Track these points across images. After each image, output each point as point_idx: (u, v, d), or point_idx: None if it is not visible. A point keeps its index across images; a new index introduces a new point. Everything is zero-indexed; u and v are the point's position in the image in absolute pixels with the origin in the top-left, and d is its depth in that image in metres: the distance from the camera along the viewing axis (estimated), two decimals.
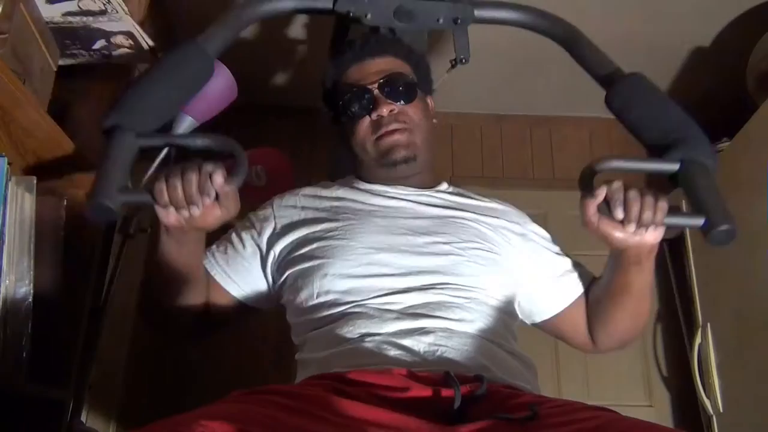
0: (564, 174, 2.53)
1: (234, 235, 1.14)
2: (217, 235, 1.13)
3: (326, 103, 1.23)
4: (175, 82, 1.05)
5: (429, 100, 1.23)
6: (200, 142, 0.96)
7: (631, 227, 0.90)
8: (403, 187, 1.15)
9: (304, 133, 2.38)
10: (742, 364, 1.87)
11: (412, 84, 1.16)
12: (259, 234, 1.12)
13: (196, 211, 0.88)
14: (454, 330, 0.97)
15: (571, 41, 1.27)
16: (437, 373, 0.89)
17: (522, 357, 1.03)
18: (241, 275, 1.11)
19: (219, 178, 0.87)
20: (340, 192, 1.16)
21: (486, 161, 2.54)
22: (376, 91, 1.13)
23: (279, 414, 0.75)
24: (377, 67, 1.16)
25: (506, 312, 1.06)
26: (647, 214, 0.89)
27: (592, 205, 0.91)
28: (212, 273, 1.10)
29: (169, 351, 2.13)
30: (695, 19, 2.14)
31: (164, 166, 1.11)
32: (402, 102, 1.13)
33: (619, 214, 0.90)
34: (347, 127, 1.16)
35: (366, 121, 1.13)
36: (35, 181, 1.19)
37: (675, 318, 2.25)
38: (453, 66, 1.43)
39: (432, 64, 1.31)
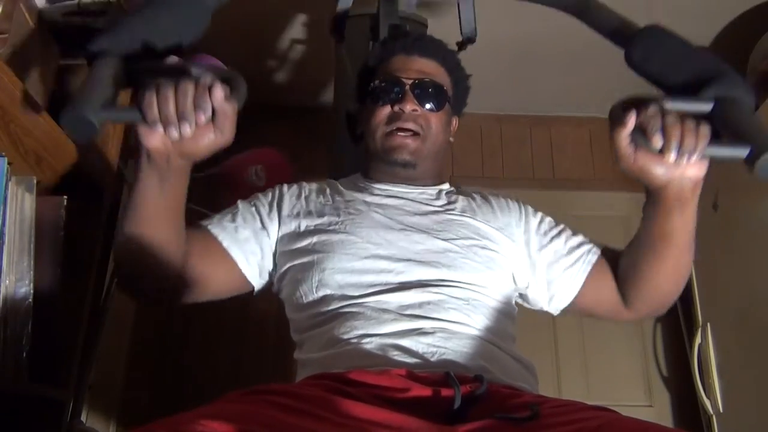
0: (564, 174, 2.53)
1: (241, 207, 1.11)
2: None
3: (360, 79, 1.23)
4: (168, 18, 0.95)
5: (454, 120, 1.23)
6: (195, 70, 0.82)
7: (672, 155, 0.80)
8: (404, 185, 1.15)
9: (304, 133, 2.38)
10: (742, 364, 1.87)
11: (443, 95, 1.16)
12: (268, 211, 1.11)
13: (187, 130, 0.77)
14: (453, 331, 0.97)
15: (582, 7, 1.23)
16: (437, 373, 0.89)
17: (521, 358, 1.03)
18: (248, 245, 1.06)
19: (219, 91, 0.77)
20: (343, 189, 1.17)
21: (486, 161, 2.54)
22: (407, 87, 1.13)
23: (279, 414, 0.75)
24: (420, 66, 1.16)
25: (504, 313, 1.06)
26: (689, 141, 0.79)
27: (625, 135, 0.83)
28: (219, 238, 1.04)
29: (169, 351, 2.13)
30: (695, 19, 2.14)
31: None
32: (427, 107, 1.13)
33: (658, 141, 0.80)
34: (368, 108, 1.16)
35: (386, 110, 1.13)
36: (35, 181, 1.19)
37: (675, 318, 2.26)
38: (460, 48, 1.43)
39: None
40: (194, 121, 0.77)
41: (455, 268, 1.02)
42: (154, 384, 2.08)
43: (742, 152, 0.80)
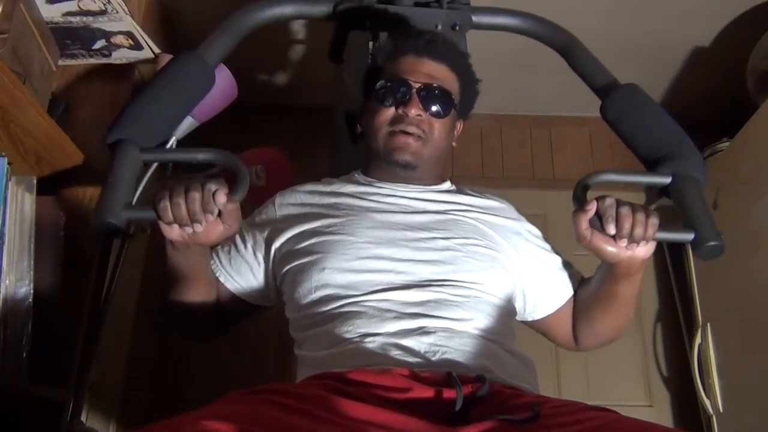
0: (564, 174, 2.53)
1: (237, 236, 1.14)
2: None
3: (367, 73, 1.22)
4: (176, 94, 1.09)
5: (459, 124, 1.22)
6: (202, 156, 0.99)
7: (623, 242, 0.93)
8: (404, 184, 1.15)
9: (304, 133, 2.38)
10: (742, 364, 1.87)
11: (450, 102, 1.15)
12: (261, 232, 1.13)
13: (199, 228, 0.90)
14: (455, 330, 0.97)
15: (569, 49, 1.27)
16: (439, 373, 0.88)
17: (521, 356, 1.03)
18: (243, 275, 1.12)
19: (221, 197, 0.89)
20: (341, 188, 1.16)
21: (486, 161, 2.54)
22: (414, 90, 1.12)
23: (280, 414, 0.75)
24: (429, 69, 1.15)
25: (505, 310, 1.06)
26: (639, 230, 0.92)
27: (584, 220, 0.94)
28: (217, 274, 1.11)
29: (169, 351, 2.13)
30: (695, 19, 2.14)
31: (163, 174, 1.15)
32: (431, 113, 1.13)
33: (612, 229, 0.92)
34: (372, 106, 1.16)
35: (390, 111, 1.13)
36: (35, 181, 1.19)
37: (675, 318, 2.26)
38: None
39: None
40: (204, 221, 0.89)
41: (456, 267, 1.02)
42: (154, 384, 2.08)
43: (687, 237, 0.96)
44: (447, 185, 1.20)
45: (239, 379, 2.04)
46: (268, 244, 1.11)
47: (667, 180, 1.03)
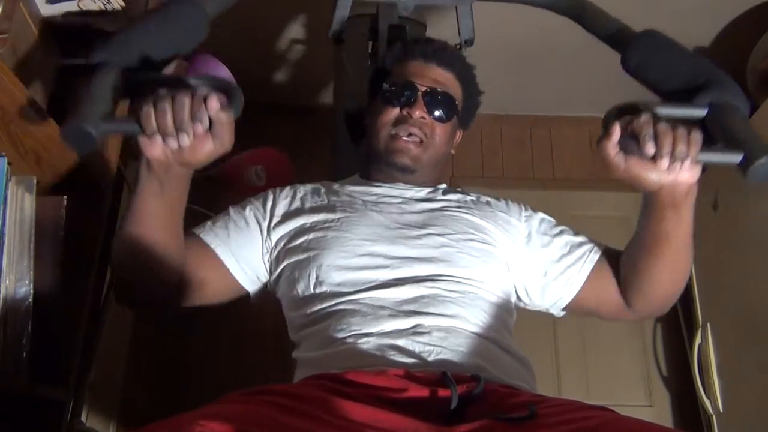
0: (564, 174, 2.53)
1: (233, 213, 1.11)
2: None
3: (374, 74, 1.23)
4: (167, 29, 0.99)
5: (458, 133, 1.24)
6: (193, 81, 0.87)
7: (665, 162, 0.82)
8: (402, 184, 1.16)
9: (304, 132, 2.38)
10: (742, 364, 1.87)
11: (453, 108, 1.17)
12: (263, 216, 1.11)
13: (185, 140, 0.79)
14: (450, 328, 0.97)
15: (578, 11, 1.23)
16: (434, 373, 0.89)
17: (518, 355, 1.03)
18: (241, 251, 1.07)
19: (214, 102, 0.79)
20: (339, 188, 1.17)
21: (486, 161, 2.54)
22: (420, 93, 1.14)
23: (278, 414, 0.75)
24: (436, 75, 1.17)
25: (502, 307, 1.06)
26: (681, 147, 0.81)
27: (610, 145, 0.85)
28: (212, 245, 1.05)
29: (169, 351, 2.13)
30: (695, 19, 2.14)
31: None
32: (434, 117, 1.14)
33: (651, 148, 0.82)
34: (377, 106, 1.17)
35: (395, 112, 1.14)
36: (35, 181, 1.19)
37: (675, 318, 2.25)
38: (459, 50, 1.43)
39: None
40: (192, 132, 0.79)
41: (451, 263, 1.03)
42: (154, 384, 2.07)
43: (735, 158, 0.82)
44: (443, 186, 1.21)
45: (239, 379, 2.04)
46: (267, 232, 1.10)
47: (704, 112, 0.90)
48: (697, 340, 2.03)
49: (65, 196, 1.25)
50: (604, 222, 2.10)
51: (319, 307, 1.01)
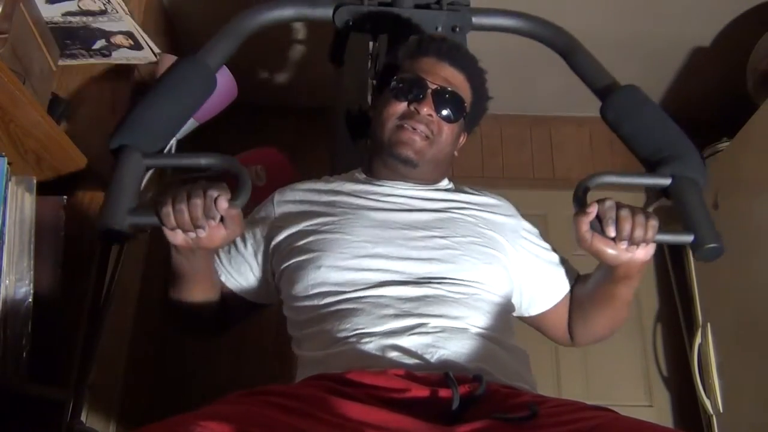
0: (564, 174, 2.53)
1: (239, 242, 1.15)
2: None
3: (385, 68, 1.23)
4: (178, 99, 1.10)
5: (463, 136, 1.23)
6: (204, 162, 1.00)
7: (623, 244, 0.93)
8: (403, 182, 1.15)
9: (304, 133, 2.38)
10: (742, 364, 1.87)
11: (461, 108, 1.16)
12: (260, 231, 1.13)
13: (202, 233, 0.91)
14: (452, 329, 0.96)
15: (569, 50, 1.28)
16: (436, 373, 0.88)
17: (518, 352, 1.04)
18: (243, 274, 1.13)
19: (223, 202, 0.90)
20: (340, 186, 1.16)
21: (486, 161, 2.54)
22: (429, 91, 1.13)
23: (278, 415, 0.75)
24: (447, 74, 1.16)
25: (504, 307, 1.06)
26: (639, 232, 0.92)
27: (585, 222, 0.95)
28: (218, 273, 1.12)
29: (169, 351, 2.13)
30: (695, 19, 2.14)
31: (164, 173, 1.15)
32: (443, 115, 1.14)
33: (611, 231, 0.93)
34: (385, 99, 1.17)
35: (402, 106, 1.14)
36: (35, 181, 1.19)
37: (675, 318, 2.26)
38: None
39: None
40: (207, 227, 0.90)
41: (454, 265, 1.03)
42: (154, 384, 2.08)
43: (686, 239, 0.96)
44: (445, 183, 1.21)
45: (239, 379, 2.04)
46: (267, 242, 1.11)
47: (667, 182, 1.04)
48: (697, 340, 2.03)
49: (65, 196, 1.25)
50: None
51: (319, 306, 1.01)
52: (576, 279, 1.17)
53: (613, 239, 0.94)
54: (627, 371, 2.26)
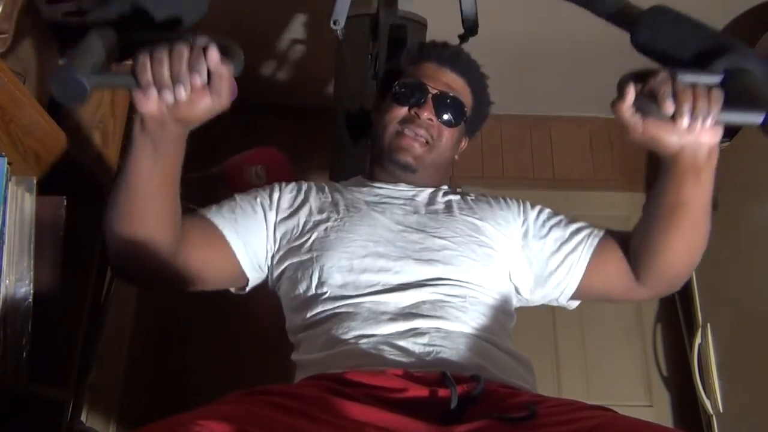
0: (564, 174, 2.53)
1: (240, 198, 1.10)
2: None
3: (386, 74, 1.24)
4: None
5: (464, 140, 1.24)
6: (189, 34, 0.81)
7: (685, 120, 0.78)
8: (405, 184, 1.16)
9: (304, 133, 2.38)
10: (742, 364, 1.87)
11: (462, 113, 1.17)
12: (269, 205, 1.10)
13: (182, 93, 0.75)
14: (449, 330, 0.97)
15: None
16: (434, 373, 0.89)
17: (518, 356, 1.03)
18: (248, 236, 1.05)
19: (214, 53, 0.75)
20: (343, 189, 1.17)
21: (486, 161, 2.54)
22: (430, 96, 1.14)
23: (277, 414, 0.75)
24: (448, 79, 1.17)
25: (502, 310, 1.06)
26: (702, 104, 0.77)
27: (625, 106, 0.81)
28: (220, 226, 1.03)
29: (169, 351, 2.13)
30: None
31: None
32: (442, 120, 1.14)
33: (670, 106, 0.78)
34: (386, 104, 1.17)
35: (403, 111, 1.14)
36: (35, 181, 1.19)
37: (675, 318, 2.26)
38: (463, 40, 1.44)
39: None
40: (189, 84, 0.75)
41: (453, 266, 1.03)
42: (154, 384, 2.08)
43: (757, 117, 0.78)
44: (445, 188, 1.21)
45: (239, 379, 2.04)
46: (272, 225, 1.09)
47: (719, 78, 0.85)
48: (697, 340, 2.03)
49: (65, 196, 1.25)
50: (604, 222, 2.09)
51: (319, 309, 1.01)
52: (609, 232, 1.07)
53: (672, 118, 0.79)
54: (627, 371, 2.26)
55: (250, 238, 1.06)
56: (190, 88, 0.75)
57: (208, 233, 1.02)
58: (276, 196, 1.13)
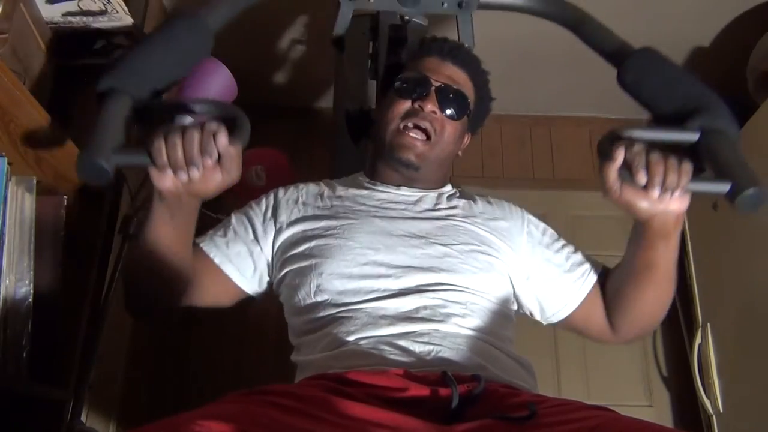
0: (564, 174, 2.53)
1: (234, 220, 1.12)
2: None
3: (388, 70, 1.24)
4: (172, 51, 1.01)
5: (466, 136, 1.24)
6: (199, 107, 0.90)
7: (655, 192, 0.84)
8: (406, 187, 1.15)
9: (304, 133, 2.38)
10: (742, 364, 1.87)
11: (465, 106, 1.17)
12: (262, 221, 1.11)
13: (195, 174, 0.82)
14: (449, 332, 0.97)
15: (578, 23, 1.23)
16: (434, 372, 0.89)
17: (519, 358, 1.03)
18: (240, 259, 1.09)
19: (223, 137, 0.82)
20: (343, 191, 1.16)
21: (486, 161, 2.54)
22: (433, 88, 1.13)
23: (277, 414, 0.75)
24: (450, 72, 1.17)
25: (502, 315, 1.06)
26: (672, 178, 0.83)
27: (613, 170, 0.86)
28: (211, 255, 1.07)
29: (169, 351, 2.13)
30: (695, 19, 2.14)
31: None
32: (447, 113, 1.14)
33: (642, 177, 0.84)
34: (389, 99, 1.17)
35: (406, 105, 1.14)
36: (35, 181, 1.19)
37: (675, 318, 2.25)
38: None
39: None
40: (201, 165, 0.82)
41: (454, 273, 1.02)
42: (154, 384, 2.08)
43: (723, 188, 0.84)
44: (449, 188, 1.21)
45: (239, 379, 2.04)
46: (268, 237, 1.10)
47: (696, 135, 0.91)
48: (697, 340, 2.03)
49: (65, 196, 1.25)
50: (604, 222, 2.10)
51: (319, 314, 1.01)
52: (603, 272, 1.11)
53: (645, 187, 0.85)
54: (627, 371, 2.26)
55: (245, 262, 1.08)
56: (202, 169, 0.82)
57: (203, 264, 1.07)
58: (271, 208, 1.13)
